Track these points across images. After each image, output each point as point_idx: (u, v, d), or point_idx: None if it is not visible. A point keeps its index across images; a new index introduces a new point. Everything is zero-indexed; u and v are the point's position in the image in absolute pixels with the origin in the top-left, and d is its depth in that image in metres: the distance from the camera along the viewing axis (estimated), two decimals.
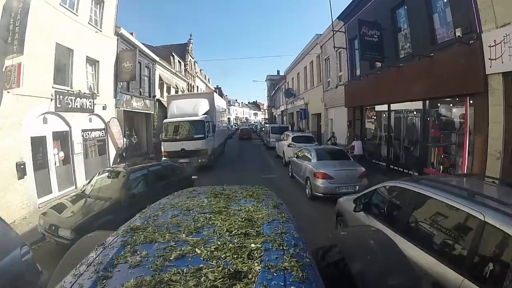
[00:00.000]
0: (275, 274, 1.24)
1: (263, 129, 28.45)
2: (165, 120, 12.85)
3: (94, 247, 1.64)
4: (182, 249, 1.45)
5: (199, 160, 11.78)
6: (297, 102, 24.72)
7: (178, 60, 26.43)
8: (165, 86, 20.77)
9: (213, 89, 41.36)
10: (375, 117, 11.43)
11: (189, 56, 30.74)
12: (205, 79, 45.10)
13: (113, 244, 1.60)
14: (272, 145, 18.69)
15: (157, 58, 19.21)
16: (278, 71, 50.19)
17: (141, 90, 16.76)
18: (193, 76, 32.88)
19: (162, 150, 12.16)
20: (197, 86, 32.95)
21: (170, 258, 1.37)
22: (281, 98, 36.00)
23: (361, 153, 11.02)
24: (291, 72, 27.70)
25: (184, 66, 28.97)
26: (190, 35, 32.70)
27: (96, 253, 1.54)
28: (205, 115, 12.77)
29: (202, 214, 1.95)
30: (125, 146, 13.59)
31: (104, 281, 1.24)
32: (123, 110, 14.12)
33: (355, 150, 11.05)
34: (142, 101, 16.51)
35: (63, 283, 1.30)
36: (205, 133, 12.03)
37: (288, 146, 12.59)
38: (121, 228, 1.85)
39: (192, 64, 33.19)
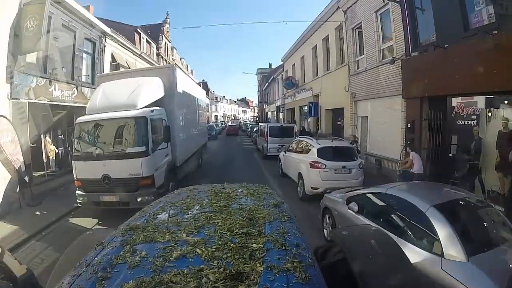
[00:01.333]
0: (277, 275, 1.18)
1: (256, 129, 20.82)
2: (79, 119, 6.89)
3: (93, 245, 1.58)
4: (183, 249, 1.37)
5: (138, 199, 6.02)
6: (301, 94, 19.32)
7: (147, 40, 20.49)
8: (121, 70, 14.88)
9: (197, 82, 34.62)
10: (476, 116, 6.27)
11: (164, 38, 24.77)
12: (187, 69, 38.99)
13: (112, 244, 1.54)
14: (272, 154, 13.34)
15: (107, 29, 13.35)
16: (270, 64, 45.36)
17: (74, 72, 10.92)
18: (169, 63, 26.92)
19: (74, 176, 6.43)
20: None
21: (170, 258, 1.29)
22: (276, 92, 30.69)
23: (421, 171, 6.83)
24: (291, 58, 22.17)
25: (157, 50, 23.03)
26: (167, 14, 26.60)
27: (95, 253, 1.49)
28: (153, 108, 6.79)
29: (203, 213, 1.85)
30: (24, 163, 7.82)
31: (103, 282, 1.19)
32: (29, 102, 8.36)
33: (415, 167, 6.85)
34: (73, 89, 10.66)
35: (61, 284, 1.28)
36: (148, 144, 6.21)
37: (312, 166, 7.14)
38: (120, 227, 1.78)
39: (169, 49, 27.23)
